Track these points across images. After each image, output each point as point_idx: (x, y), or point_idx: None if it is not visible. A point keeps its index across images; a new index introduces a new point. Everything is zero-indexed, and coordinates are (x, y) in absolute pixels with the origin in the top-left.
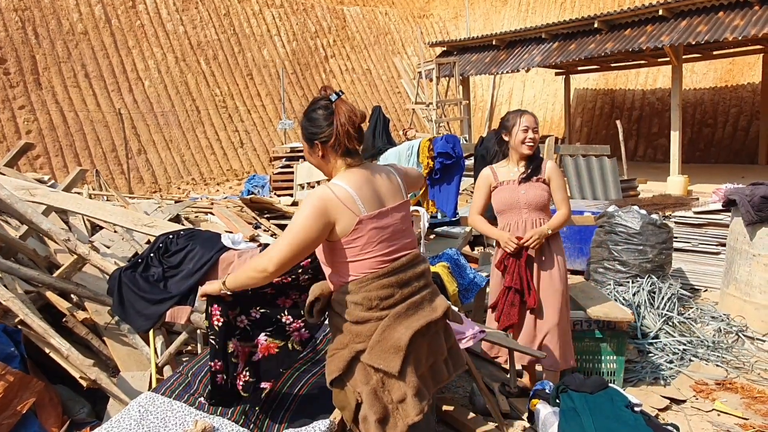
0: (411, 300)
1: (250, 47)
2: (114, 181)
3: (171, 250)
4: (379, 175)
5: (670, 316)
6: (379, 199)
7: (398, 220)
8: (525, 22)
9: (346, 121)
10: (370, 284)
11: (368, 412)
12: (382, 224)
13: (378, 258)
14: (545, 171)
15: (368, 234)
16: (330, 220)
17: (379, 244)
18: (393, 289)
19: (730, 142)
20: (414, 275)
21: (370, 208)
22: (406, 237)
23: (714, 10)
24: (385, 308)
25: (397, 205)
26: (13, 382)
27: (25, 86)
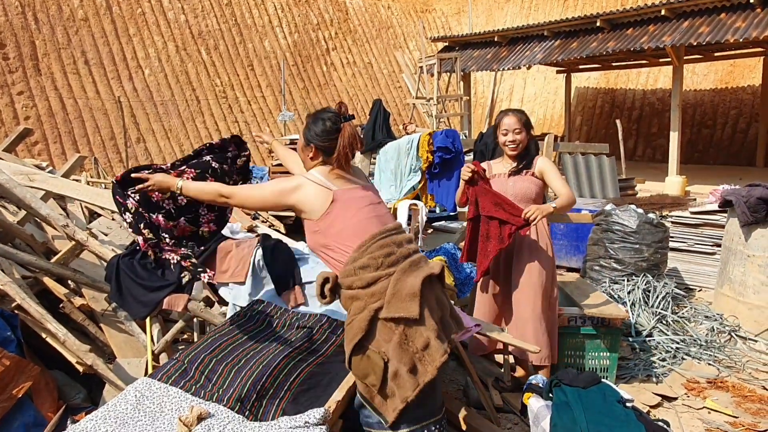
0: (410, 258)
1: (251, 38)
2: (112, 169)
3: None
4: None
5: (664, 314)
6: (350, 181)
7: (371, 193)
8: (527, 19)
9: (347, 144)
10: (371, 246)
11: (398, 366)
12: (357, 195)
13: (363, 222)
14: (536, 166)
15: (349, 201)
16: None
17: (361, 210)
18: (392, 248)
19: (728, 143)
20: (405, 239)
21: (341, 187)
22: (382, 207)
23: (716, 11)
24: (391, 265)
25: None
26: (9, 366)
27: (24, 72)
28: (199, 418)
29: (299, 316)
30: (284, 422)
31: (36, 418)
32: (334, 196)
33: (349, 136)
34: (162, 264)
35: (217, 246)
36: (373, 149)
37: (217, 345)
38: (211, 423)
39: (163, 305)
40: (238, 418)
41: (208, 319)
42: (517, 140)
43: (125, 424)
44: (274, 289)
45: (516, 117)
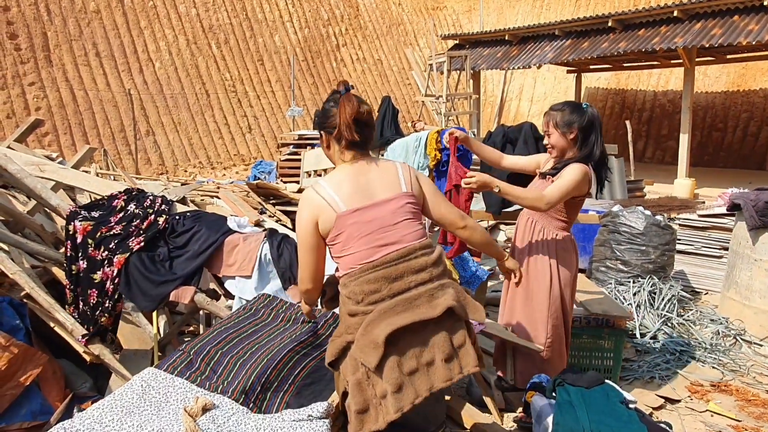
0: (402, 296)
1: (261, 33)
2: (121, 161)
3: (177, 231)
4: (376, 168)
5: (670, 317)
6: (365, 194)
7: (387, 213)
8: (539, 17)
9: (348, 115)
10: (357, 278)
11: (351, 402)
12: (363, 219)
13: (361, 253)
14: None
15: (348, 230)
16: (312, 218)
17: (362, 239)
18: (380, 284)
19: (739, 147)
20: (408, 269)
21: (350, 204)
22: (399, 230)
23: (729, 13)
24: (371, 303)
25: (389, 198)
26: (17, 354)
27: (35, 63)
28: (204, 408)
29: None
30: (288, 415)
31: (43, 406)
32: (337, 220)
33: (347, 105)
34: None
35: (225, 240)
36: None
37: (222, 337)
38: (215, 414)
39: (170, 297)
40: (242, 410)
41: (214, 312)
42: (549, 144)
43: (131, 413)
44: (280, 283)
45: (547, 117)
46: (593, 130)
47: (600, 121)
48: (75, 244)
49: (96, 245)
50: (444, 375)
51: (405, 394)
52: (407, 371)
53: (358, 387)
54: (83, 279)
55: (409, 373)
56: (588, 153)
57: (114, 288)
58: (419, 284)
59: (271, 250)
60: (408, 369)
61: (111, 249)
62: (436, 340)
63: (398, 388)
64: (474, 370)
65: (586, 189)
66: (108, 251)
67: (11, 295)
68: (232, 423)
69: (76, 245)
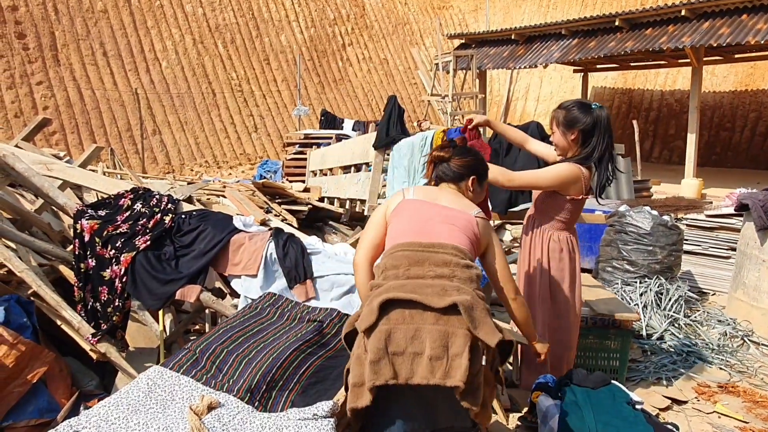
0: (418, 281)
1: (267, 32)
2: (128, 160)
3: (183, 230)
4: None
5: (676, 317)
6: (433, 198)
7: (444, 215)
8: (545, 17)
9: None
10: (387, 254)
11: (350, 376)
12: (420, 209)
13: (400, 231)
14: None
15: (404, 212)
16: (388, 205)
17: (408, 221)
18: (400, 261)
19: (747, 146)
20: (430, 259)
21: (417, 197)
22: (439, 229)
23: (737, 12)
24: (388, 277)
25: (451, 207)
26: (24, 352)
27: (43, 62)
28: (210, 407)
29: (310, 310)
30: (293, 414)
31: (50, 404)
32: (401, 203)
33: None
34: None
35: (230, 239)
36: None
37: (228, 336)
38: (221, 412)
39: (176, 296)
40: (247, 409)
41: (220, 311)
42: (555, 141)
43: (137, 411)
44: (286, 282)
45: (554, 113)
46: (595, 133)
47: (607, 123)
48: (83, 243)
49: (103, 244)
50: (424, 372)
51: (382, 369)
52: (392, 351)
53: (357, 361)
54: (93, 277)
55: (393, 353)
56: (586, 155)
57: (122, 286)
58: (437, 276)
59: (277, 249)
60: (393, 348)
61: (117, 248)
62: (429, 333)
63: (377, 360)
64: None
65: (573, 190)
66: (115, 250)
67: (19, 293)
68: (238, 421)
69: (84, 244)
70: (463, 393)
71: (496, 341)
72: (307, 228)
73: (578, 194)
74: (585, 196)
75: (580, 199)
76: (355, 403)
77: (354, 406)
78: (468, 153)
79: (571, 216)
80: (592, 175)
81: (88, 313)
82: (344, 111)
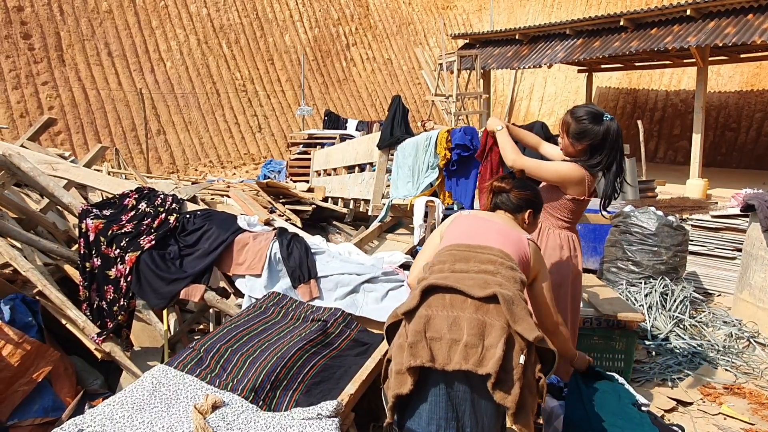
0: (460, 274)
1: (272, 32)
2: (133, 160)
3: (188, 230)
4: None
5: (682, 318)
6: (488, 216)
7: (494, 231)
8: (550, 17)
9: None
10: (437, 255)
11: (392, 363)
12: (474, 224)
13: (454, 236)
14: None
15: (458, 227)
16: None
17: (461, 234)
18: (446, 258)
19: (753, 147)
20: (476, 258)
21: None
22: (488, 238)
23: (743, 12)
24: (434, 272)
25: (504, 225)
26: (30, 351)
27: (48, 62)
28: (214, 406)
29: (314, 309)
30: (297, 413)
31: (55, 402)
32: (456, 220)
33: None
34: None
35: (235, 238)
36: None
37: (232, 335)
38: (225, 411)
39: (180, 295)
40: (251, 408)
41: (224, 310)
42: (562, 142)
43: (141, 410)
44: (290, 281)
45: (565, 118)
46: (603, 148)
47: (616, 136)
48: (88, 242)
49: (108, 243)
50: (458, 358)
51: (419, 351)
52: (430, 335)
53: (398, 349)
54: (98, 276)
55: (431, 338)
56: (591, 165)
57: (127, 285)
58: (481, 272)
59: (281, 248)
60: (432, 334)
61: (122, 247)
62: (468, 321)
63: (414, 342)
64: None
65: (575, 191)
66: (120, 249)
67: (24, 292)
68: (242, 421)
69: (89, 243)
70: (495, 384)
71: (534, 336)
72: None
73: (580, 195)
74: (588, 198)
75: (583, 200)
76: (398, 389)
77: (398, 392)
78: (527, 187)
79: (572, 215)
80: (597, 181)
81: (93, 312)
82: (348, 111)
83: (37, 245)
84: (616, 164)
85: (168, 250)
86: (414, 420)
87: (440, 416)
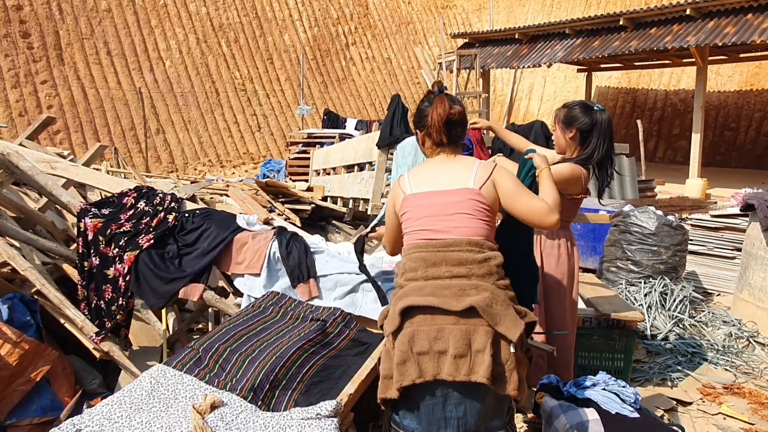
0: (435, 282)
1: (271, 31)
2: (132, 159)
3: (186, 229)
4: (454, 163)
5: (681, 318)
6: (433, 182)
7: (446, 203)
8: (549, 16)
9: (439, 117)
10: (406, 254)
11: (380, 367)
12: (424, 203)
13: (414, 233)
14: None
15: (411, 210)
16: (393, 203)
17: (417, 221)
18: (418, 263)
19: (752, 146)
20: (447, 259)
21: (417, 189)
22: (451, 221)
23: (743, 11)
24: (409, 279)
25: (452, 189)
26: (28, 350)
27: (47, 61)
28: (213, 406)
29: (313, 309)
30: (296, 413)
31: (53, 402)
32: (404, 200)
33: (440, 108)
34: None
35: (234, 237)
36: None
37: (231, 335)
38: (224, 411)
39: (179, 295)
40: (250, 408)
41: (223, 309)
42: (555, 138)
43: (140, 409)
44: (289, 281)
45: (555, 112)
46: (593, 134)
47: (607, 125)
48: (86, 241)
49: (107, 242)
50: (450, 370)
51: (408, 370)
52: (417, 351)
53: (386, 355)
54: (97, 275)
55: (419, 353)
56: (586, 156)
57: (126, 285)
58: (454, 276)
59: (280, 248)
60: (418, 349)
61: (121, 246)
62: (451, 332)
63: (402, 362)
64: (481, 380)
65: (573, 189)
66: (118, 248)
67: (22, 291)
68: (241, 420)
69: (88, 242)
70: (493, 383)
71: (518, 334)
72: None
73: (577, 193)
74: (583, 195)
75: (578, 198)
76: (384, 393)
77: (384, 396)
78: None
79: (568, 214)
80: (590, 176)
81: (92, 311)
82: (347, 110)
83: (36, 244)
84: (605, 153)
85: (167, 249)
86: (413, 421)
87: (439, 416)
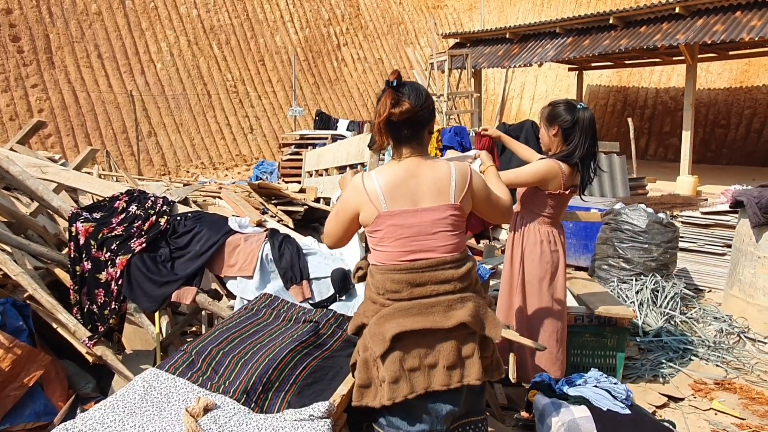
0: (421, 301)
1: (262, 33)
2: (124, 162)
3: (179, 232)
4: (429, 171)
5: (673, 315)
6: (410, 198)
7: (427, 221)
8: (540, 15)
9: (376, 116)
10: (383, 273)
11: (356, 376)
12: (403, 223)
13: (393, 253)
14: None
15: (386, 229)
16: (355, 208)
17: (396, 241)
18: (401, 285)
19: (742, 143)
20: (433, 279)
21: (394, 206)
22: (434, 241)
23: (731, 9)
24: (390, 299)
25: (433, 207)
26: (20, 355)
27: (38, 65)
28: (206, 409)
29: (306, 311)
30: (289, 415)
31: (46, 407)
32: (377, 218)
33: (380, 108)
34: None
35: (226, 240)
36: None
37: (224, 337)
38: (217, 414)
39: (172, 298)
40: (243, 410)
41: (216, 312)
42: (541, 137)
43: (133, 413)
44: (282, 283)
45: (541, 110)
46: (575, 131)
47: (589, 123)
48: (78, 246)
49: (98, 246)
50: (443, 380)
51: (400, 387)
52: (408, 368)
53: (364, 365)
54: (89, 279)
55: (410, 369)
56: (567, 153)
57: (118, 289)
58: (440, 294)
59: (273, 250)
60: (409, 366)
61: (113, 250)
62: (443, 347)
63: (395, 380)
64: (474, 382)
65: (552, 186)
66: (110, 252)
67: (14, 296)
68: (234, 423)
69: (79, 246)
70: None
71: (500, 332)
72: (303, 229)
73: (557, 189)
74: (565, 192)
75: (560, 194)
76: (359, 401)
77: (358, 404)
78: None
79: (554, 211)
80: (573, 173)
81: (84, 316)
82: (339, 111)
83: (27, 249)
84: (587, 150)
85: (159, 253)
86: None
87: (428, 413)
